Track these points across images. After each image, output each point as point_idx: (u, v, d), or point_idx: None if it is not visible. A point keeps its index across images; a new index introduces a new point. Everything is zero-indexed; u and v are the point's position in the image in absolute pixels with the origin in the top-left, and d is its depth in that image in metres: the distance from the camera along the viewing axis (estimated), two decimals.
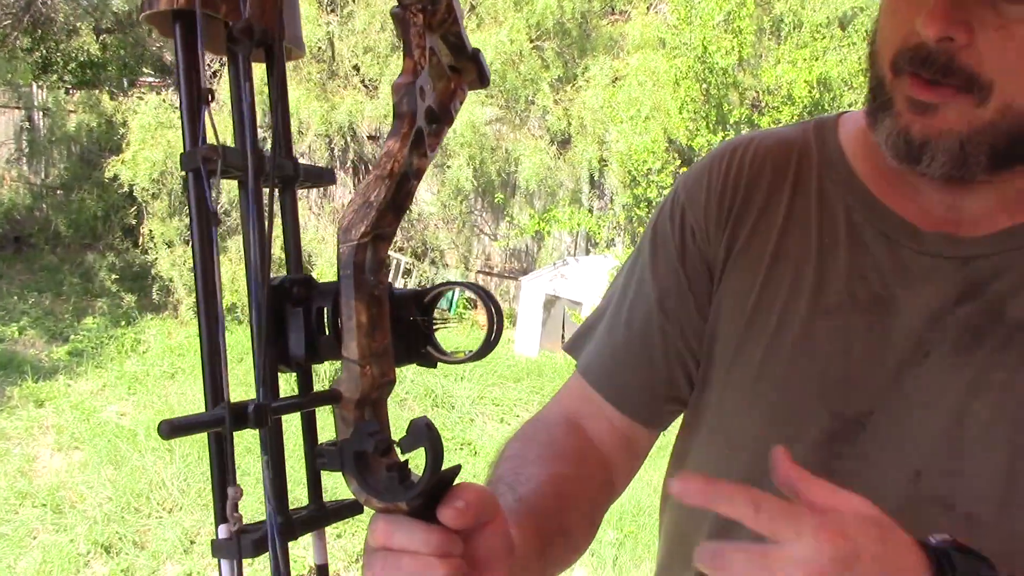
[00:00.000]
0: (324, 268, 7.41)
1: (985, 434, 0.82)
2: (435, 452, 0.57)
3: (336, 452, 0.58)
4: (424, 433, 0.56)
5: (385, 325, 0.58)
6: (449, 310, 7.96)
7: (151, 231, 7.14)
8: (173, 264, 7.03)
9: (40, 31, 9.17)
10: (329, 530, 0.60)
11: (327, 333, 0.60)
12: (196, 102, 0.57)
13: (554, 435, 0.97)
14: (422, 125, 0.56)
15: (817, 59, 5.49)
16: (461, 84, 0.60)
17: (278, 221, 0.62)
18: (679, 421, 1.05)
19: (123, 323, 7.15)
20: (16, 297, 7.58)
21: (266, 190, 0.60)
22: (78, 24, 8.90)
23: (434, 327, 0.63)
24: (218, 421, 0.56)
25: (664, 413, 1.02)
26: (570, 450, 0.97)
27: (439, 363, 0.63)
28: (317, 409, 0.64)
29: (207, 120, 0.56)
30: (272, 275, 0.61)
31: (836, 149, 0.95)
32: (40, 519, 4.25)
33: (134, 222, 7.73)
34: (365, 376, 0.57)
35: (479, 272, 8.75)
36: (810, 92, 5.41)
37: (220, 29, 0.60)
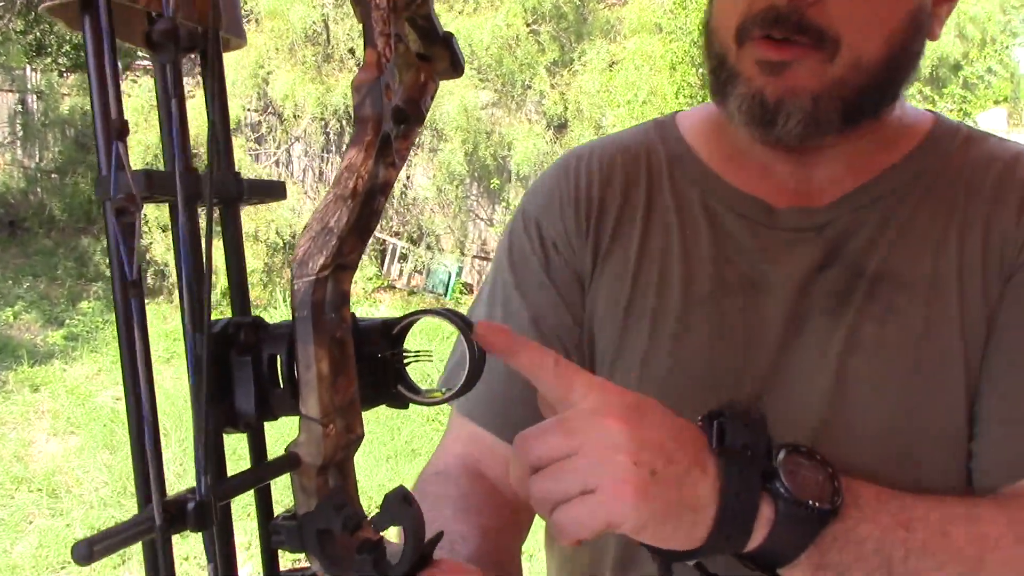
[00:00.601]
0: None
1: (866, 388, 0.83)
2: (415, 532, 0.50)
3: (296, 529, 0.50)
4: (401, 509, 0.49)
5: (350, 371, 0.49)
6: (445, 295, 7.96)
7: (146, 215, 7.12)
8: (168, 248, 7.01)
9: (34, 13, 9.10)
10: None
11: (281, 385, 0.49)
12: (108, 130, 0.42)
13: (463, 489, 0.92)
14: (388, 129, 0.47)
15: None
16: (432, 74, 0.50)
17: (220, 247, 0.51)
18: None
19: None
20: (11, 281, 7.56)
21: (204, 211, 0.48)
22: None
23: (405, 361, 0.54)
24: (147, 529, 0.44)
25: None
26: (484, 501, 0.92)
27: (412, 404, 0.55)
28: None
29: (122, 154, 0.42)
30: (213, 317, 0.48)
31: (681, 143, 0.96)
32: (36, 504, 4.25)
33: None
34: (328, 437, 0.48)
35: (475, 257, 8.74)
36: None
37: (143, 18, 0.46)
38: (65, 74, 9.17)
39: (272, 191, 0.55)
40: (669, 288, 0.90)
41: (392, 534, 0.53)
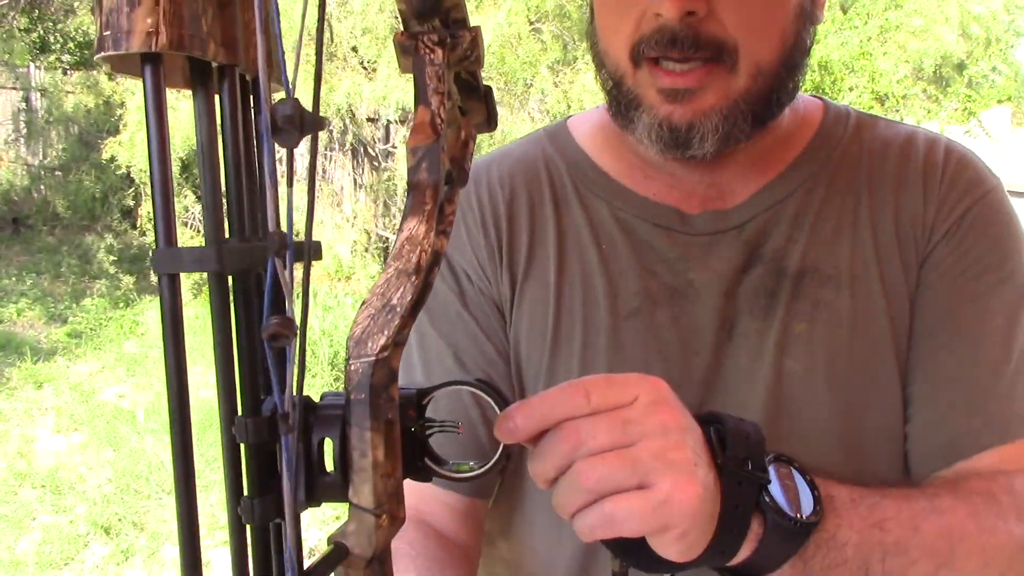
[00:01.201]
0: (322, 251, 7.40)
1: (804, 386, 0.83)
2: None
3: None
4: None
5: (396, 452, 0.44)
6: None
7: (149, 212, 7.12)
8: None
9: (37, 11, 9.11)
10: None
11: (329, 472, 0.45)
12: (168, 197, 0.37)
13: (417, 546, 0.90)
14: (443, 195, 0.43)
15: (818, 42, 5.48)
16: (472, 131, 0.47)
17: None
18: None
19: (122, 305, 7.15)
20: (14, 278, 7.57)
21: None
22: (75, 3, 8.85)
23: (429, 432, 0.51)
24: None
25: (497, 476, 0.96)
26: (441, 555, 0.91)
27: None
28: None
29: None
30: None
31: (579, 153, 0.93)
32: (40, 500, 4.26)
33: (132, 203, 7.72)
34: (381, 528, 0.43)
35: None
36: (811, 75, 5.40)
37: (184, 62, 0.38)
38: (69, 72, 9.18)
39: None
40: (595, 307, 0.87)
41: None
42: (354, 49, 7.13)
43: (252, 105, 0.39)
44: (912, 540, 0.71)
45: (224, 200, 0.39)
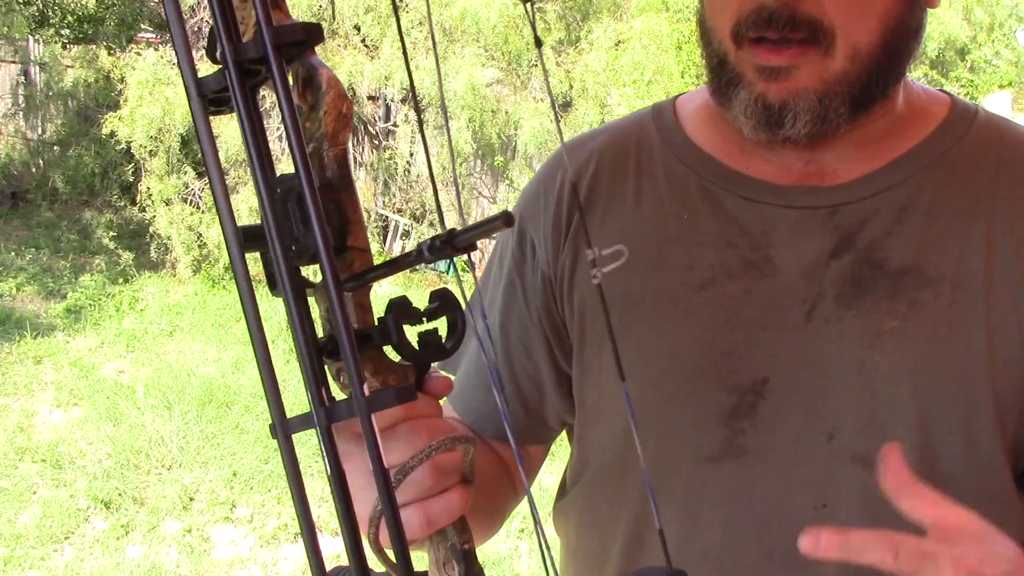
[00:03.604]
0: None
1: (890, 386, 0.82)
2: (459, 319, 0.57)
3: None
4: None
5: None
6: (448, 272, 7.96)
7: (149, 188, 7.12)
8: (171, 222, 7.01)
9: None
10: None
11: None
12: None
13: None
14: None
15: None
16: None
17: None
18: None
19: (121, 281, 7.15)
20: (13, 253, 7.57)
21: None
22: None
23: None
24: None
25: (553, 422, 1.02)
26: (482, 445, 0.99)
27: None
28: None
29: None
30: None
31: (677, 130, 0.94)
32: (40, 474, 4.28)
33: (132, 179, 7.71)
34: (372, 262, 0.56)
35: None
36: None
37: None
38: (68, 46, 9.14)
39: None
40: (669, 273, 0.89)
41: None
42: (356, 28, 7.10)
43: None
44: None
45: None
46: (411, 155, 7.71)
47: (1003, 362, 0.81)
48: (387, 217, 8.09)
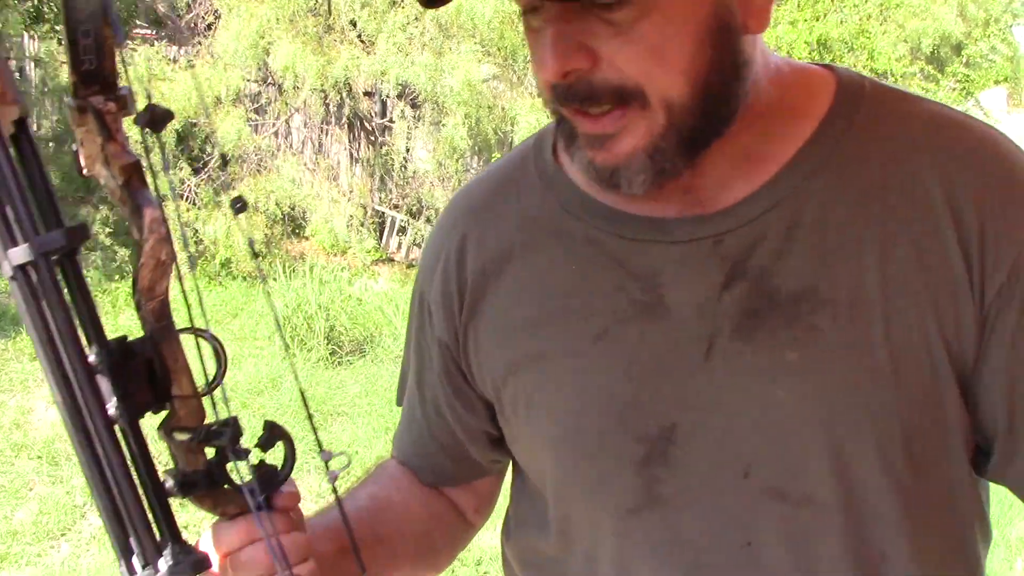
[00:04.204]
0: (318, 225, 7.39)
1: (796, 419, 0.79)
2: (292, 446, 0.71)
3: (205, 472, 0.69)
4: (278, 432, 0.72)
5: None
6: None
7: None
8: (167, 218, 7.00)
9: None
10: None
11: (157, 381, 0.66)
12: None
13: (390, 473, 1.06)
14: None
15: (818, 19, 5.46)
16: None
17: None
18: None
19: (117, 277, 7.14)
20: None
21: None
22: None
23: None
24: None
25: (486, 464, 1.03)
26: (397, 482, 1.04)
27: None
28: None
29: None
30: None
31: (556, 171, 0.89)
32: (36, 471, 4.28)
33: None
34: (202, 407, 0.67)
35: None
36: (810, 54, 5.39)
37: None
38: (64, 42, 9.12)
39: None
40: (564, 329, 0.86)
41: None
42: (352, 23, 7.09)
43: None
44: None
45: None
46: (407, 151, 7.70)
47: (908, 381, 0.77)
48: (383, 213, 8.08)
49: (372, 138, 8.01)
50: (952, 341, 0.77)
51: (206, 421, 0.67)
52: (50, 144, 9.02)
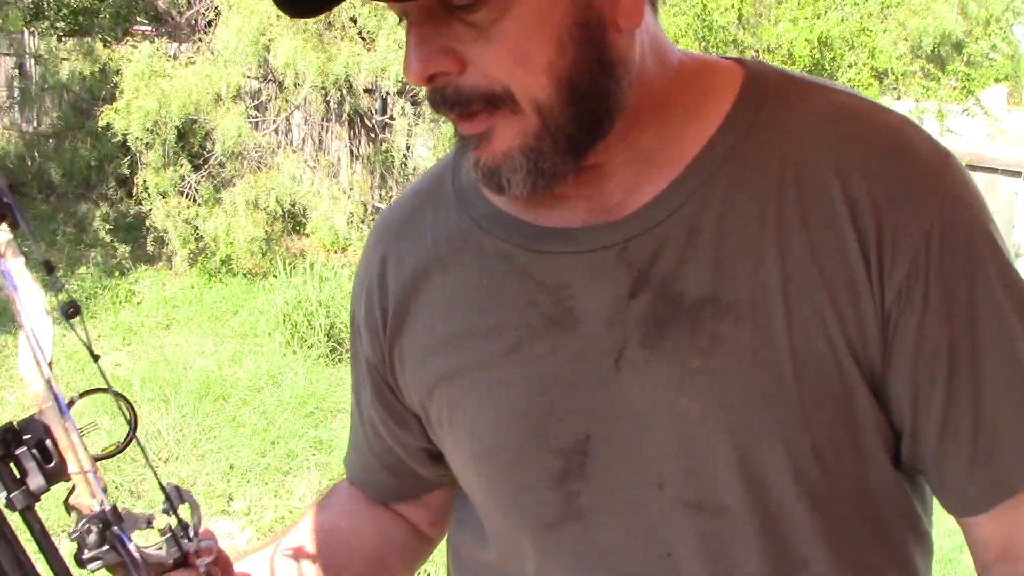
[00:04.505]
0: (319, 222, 7.39)
1: (703, 428, 0.77)
2: (198, 510, 0.76)
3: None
4: (182, 495, 0.77)
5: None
6: None
7: (145, 181, 7.11)
8: (167, 215, 7.00)
9: None
10: None
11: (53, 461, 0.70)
12: None
13: (339, 497, 1.08)
14: None
15: (819, 17, 5.45)
16: None
17: None
18: None
19: (117, 274, 7.14)
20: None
21: None
22: None
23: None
24: None
25: (432, 479, 1.03)
26: (347, 505, 1.07)
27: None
28: None
29: None
30: None
31: (471, 187, 0.88)
32: None
33: (128, 172, 7.69)
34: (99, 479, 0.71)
35: None
36: (811, 51, 5.38)
37: None
38: (64, 39, 9.11)
39: None
40: (479, 345, 0.85)
41: None
42: (353, 20, 7.09)
43: None
44: None
45: None
46: (407, 148, 7.70)
47: (813, 384, 0.75)
48: (382, 209, 8.08)
49: (372, 135, 8.01)
50: (856, 342, 0.75)
51: (91, 506, 0.72)
52: (50, 140, 9.01)
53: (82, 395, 0.72)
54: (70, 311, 0.70)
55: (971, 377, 0.76)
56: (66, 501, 0.71)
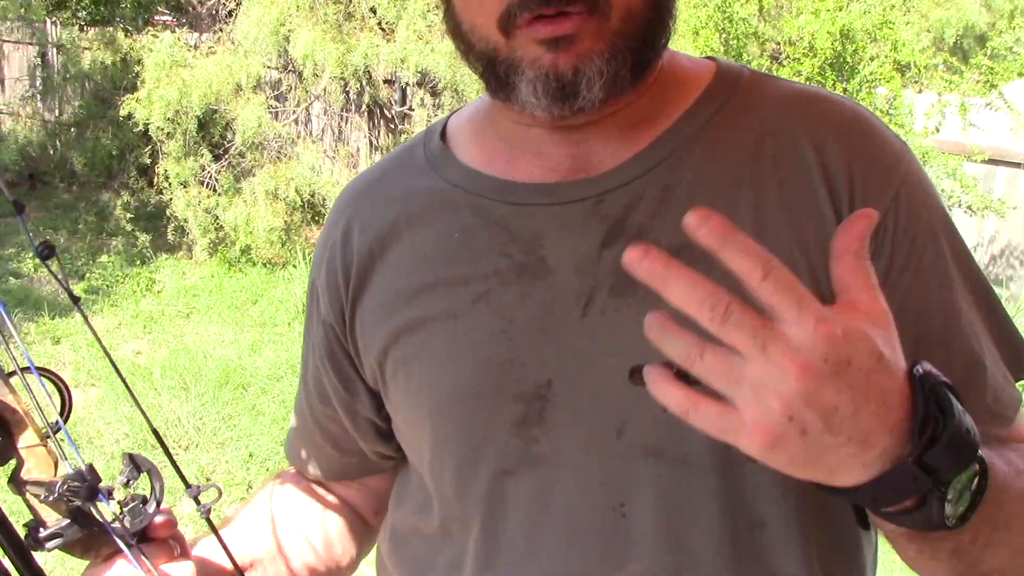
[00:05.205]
0: None
1: None
2: (159, 476, 0.75)
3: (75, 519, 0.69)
4: (141, 462, 0.75)
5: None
6: None
7: (166, 171, 7.15)
8: (188, 204, 7.04)
9: None
10: None
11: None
12: None
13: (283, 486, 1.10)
14: None
15: (841, 9, 5.41)
16: None
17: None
18: None
19: (138, 262, 7.20)
20: (32, 234, 7.61)
21: None
22: None
23: None
24: None
25: (375, 459, 1.04)
26: (289, 493, 1.09)
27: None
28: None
29: None
30: None
31: (443, 151, 0.93)
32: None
33: (149, 161, 7.74)
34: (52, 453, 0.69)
35: None
36: (832, 44, 5.34)
37: None
38: (85, 28, 9.17)
39: None
40: (444, 295, 0.87)
41: None
42: (372, 10, 7.09)
43: None
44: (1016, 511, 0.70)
45: None
46: None
47: None
48: None
49: (392, 126, 8.02)
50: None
51: (59, 471, 0.66)
52: (72, 129, 9.08)
53: (8, 375, 0.69)
54: (44, 252, 0.68)
55: (938, 340, 0.81)
56: (12, 480, 0.68)
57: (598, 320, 0.81)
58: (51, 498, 0.65)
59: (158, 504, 0.75)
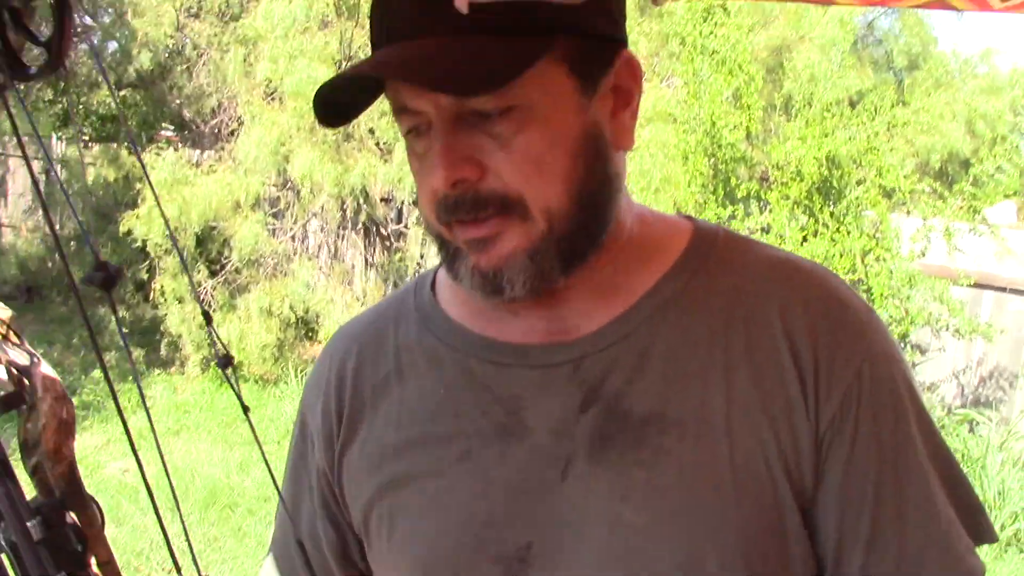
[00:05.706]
0: (331, 330, 7.43)
1: (645, 539, 0.81)
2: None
3: None
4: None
5: None
6: None
7: (162, 287, 7.19)
8: (183, 320, 7.06)
9: (62, 83, 9.34)
10: None
11: None
12: None
13: None
14: None
15: (826, 136, 5.56)
16: None
17: None
18: None
19: (131, 378, 7.16)
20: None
21: None
22: (100, 79, 9.07)
23: None
24: None
25: None
26: None
27: None
28: None
29: None
30: None
31: (432, 304, 0.95)
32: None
33: (146, 277, 7.79)
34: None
35: None
36: (819, 168, 5.47)
37: None
38: (89, 145, 9.36)
39: None
40: (430, 452, 0.89)
41: None
42: (371, 131, 7.27)
43: None
44: None
45: None
46: (421, 256, 7.80)
47: (750, 500, 0.80)
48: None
49: (387, 243, 8.12)
50: (791, 464, 0.81)
51: None
52: (72, 243, 9.17)
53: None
54: (222, 362, 0.71)
55: (896, 511, 0.82)
56: None
57: (576, 485, 0.83)
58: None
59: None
